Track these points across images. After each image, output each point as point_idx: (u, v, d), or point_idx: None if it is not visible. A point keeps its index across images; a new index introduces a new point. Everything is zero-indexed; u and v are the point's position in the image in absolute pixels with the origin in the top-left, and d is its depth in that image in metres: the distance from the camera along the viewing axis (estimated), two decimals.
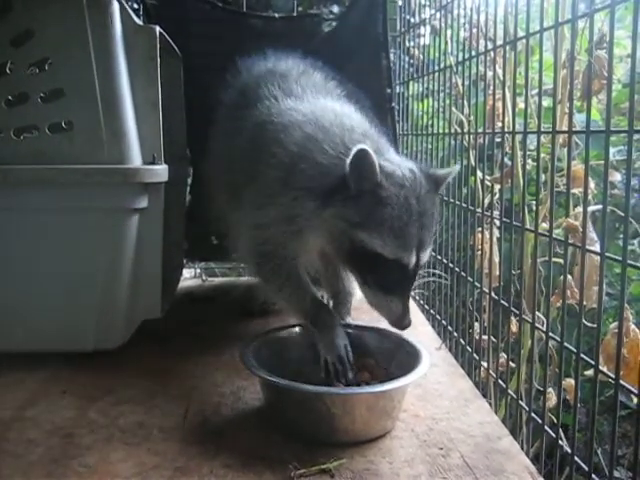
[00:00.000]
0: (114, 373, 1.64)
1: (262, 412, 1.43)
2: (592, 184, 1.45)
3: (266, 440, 1.31)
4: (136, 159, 1.63)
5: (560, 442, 1.33)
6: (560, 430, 1.35)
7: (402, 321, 1.45)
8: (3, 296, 1.64)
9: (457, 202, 1.95)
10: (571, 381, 1.41)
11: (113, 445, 1.28)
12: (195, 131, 2.25)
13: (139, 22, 1.70)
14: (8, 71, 1.61)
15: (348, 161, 1.38)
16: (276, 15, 2.46)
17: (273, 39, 2.37)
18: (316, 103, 1.65)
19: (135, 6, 2.51)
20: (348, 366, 1.47)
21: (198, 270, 2.72)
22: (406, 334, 1.57)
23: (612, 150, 1.22)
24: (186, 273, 2.62)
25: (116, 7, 1.61)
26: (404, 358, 1.48)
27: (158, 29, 1.68)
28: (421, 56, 2.48)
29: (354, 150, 1.37)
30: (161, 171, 1.67)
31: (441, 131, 2.21)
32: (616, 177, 1.74)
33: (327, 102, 1.67)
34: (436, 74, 2.24)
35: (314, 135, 1.51)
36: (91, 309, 1.66)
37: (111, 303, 1.67)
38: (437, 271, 2.06)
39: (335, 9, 2.98)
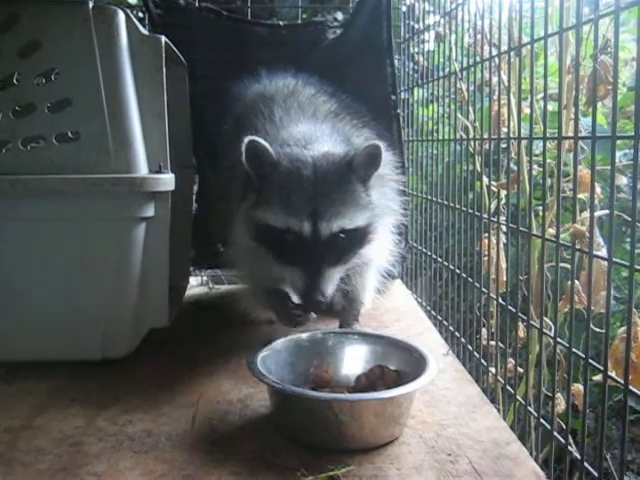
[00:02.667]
0: (122, 382, 1.64)
1: (270, 419, 1.43)
2: (598, 189, 1.45)
3: (274, 447, 1.31)
4: (143, 168, 1.64)
5: (569, 447, 1.33)
6: (569, 435, 1.34)
7: (309, 294, 1.43)
8: (11, 305, 1.65)
9: (463, 208, 1.96)
10: (579, 386, 1.41)
11: (121, 453, 1.28)
12: (200, 139, 2.26)
13: (145, 32, 1.71)
14: (15, 82, 1.62)
15: (243, 155, 1.46)
16: (281, 23, 2.46)
17: (278, 47, 2.39)
18: (287, 130, 1.68)
19: (140, 15, 2.53)
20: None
21: (205, 278, 2.73)
22: (413, 340, 1.57)
23: (618, 153, 1.22)
24: (193, 281, 2.62)
25: (122, 17, 1.62)
26: (411, 364, 1.47)
27: (164, 39, 1.69)
28: (425, 62, 2.48)
29: (244, 143, 1.45)
30: (168, 180, 1.68)
31: (446, 137, 2.21)
32: (622, 181, 1.74)
33: (300, 128, 1.68)
34: (441, 80, 2.24)
35: None
36: (98, 318, 1.66)
37: (118, 312, 1.68)
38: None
39: (339, 16, 2.99)
